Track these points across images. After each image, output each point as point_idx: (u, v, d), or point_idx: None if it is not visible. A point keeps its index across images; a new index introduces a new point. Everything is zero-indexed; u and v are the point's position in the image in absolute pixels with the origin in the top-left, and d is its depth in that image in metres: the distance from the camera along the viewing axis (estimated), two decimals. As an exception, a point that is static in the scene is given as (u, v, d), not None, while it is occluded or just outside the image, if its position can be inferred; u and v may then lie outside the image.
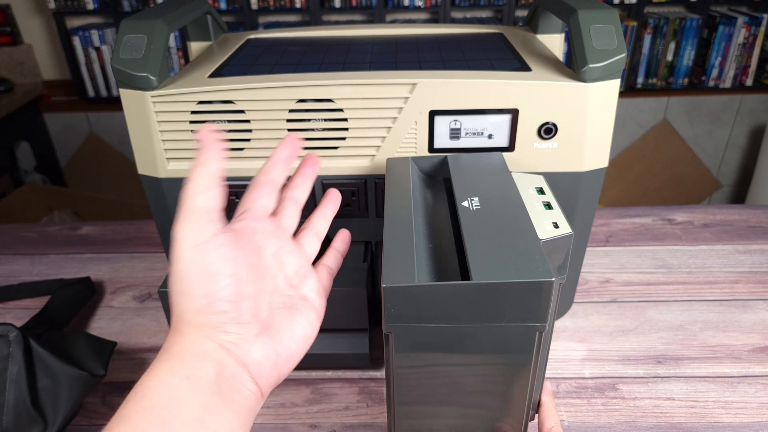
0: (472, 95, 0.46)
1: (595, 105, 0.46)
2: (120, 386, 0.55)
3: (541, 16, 0.61)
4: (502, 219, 0.36)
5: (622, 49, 0.45)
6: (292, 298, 0.34)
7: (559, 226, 0.37)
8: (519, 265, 0.31)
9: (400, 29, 0.65)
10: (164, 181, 0.50)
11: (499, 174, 0.42)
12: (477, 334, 0.32)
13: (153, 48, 0.46)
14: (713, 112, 2.18)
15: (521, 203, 0.37)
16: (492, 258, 0.32)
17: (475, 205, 0.37)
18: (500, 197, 0.38)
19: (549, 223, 0.37)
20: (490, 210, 0.37)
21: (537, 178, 0.43)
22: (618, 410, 0.51)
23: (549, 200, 0.40)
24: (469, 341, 0.33)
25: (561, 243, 0.36)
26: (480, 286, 0.30)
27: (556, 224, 0.37)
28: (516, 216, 0.36)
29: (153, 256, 0.77)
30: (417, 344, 0.33)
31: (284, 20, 2.16)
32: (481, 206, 0.37)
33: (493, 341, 0.33)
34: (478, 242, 0.33)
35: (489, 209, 0.37)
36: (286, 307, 0.34)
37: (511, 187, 0.39)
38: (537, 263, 0.31)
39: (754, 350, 0.57)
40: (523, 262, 0.31)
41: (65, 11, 2.06)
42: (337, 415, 0.51)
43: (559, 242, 0.36)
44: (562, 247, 0.36)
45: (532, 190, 0.41)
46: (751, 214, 0.83)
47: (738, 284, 0.68)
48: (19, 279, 0.72)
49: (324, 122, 0.47)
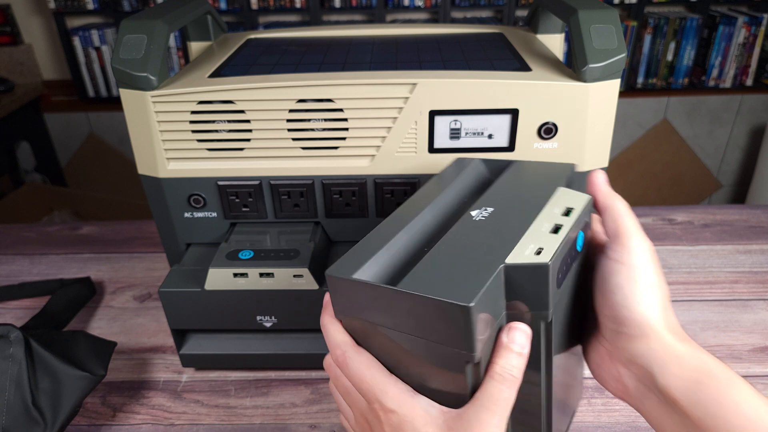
0: (472, 95, 0.46)
1: (595, 105, 0.46)
2: (120, 386, 0.55)
3: (541, 16, 0.61)
4: (491, 235, 0.34)
5: (622, 49, 0.45)
6: None
7: (539, 254, 0.31)
8: (453, 284, 0.29)
9: (400, 29, 0.65)
10: (164, 181, 0.50)
11: (541, 187, 0.38)
12: (413, 346, 0.31)
13: (153, 48, 0.46)
14: (713, 112, 2.18)
15: (528, 222, 0.35)
16: (438, 270, 0.30)
17: (482, 217, 0.36)
18: (515, 212, 0.36)
19: (536, 247, 0.32)
20: (489, 224, 0.35)
21: (583, 198, 0.37)
22: (618, 410, 0.51)
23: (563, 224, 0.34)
24: (408, 350, 0.32)
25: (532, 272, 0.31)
26: (396, 294, 0.29)
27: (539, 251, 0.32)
28: (506, 234, 0.34)
29: (153, 256, 0.77)
30: (363, 339, 0.34)
31: (284, 20, 2.16)
32: (486, 218, 0.36)
33: (428, 357, 0.31)
34: (443, 252, 0.32)
35: (490, 223, 0.35)
36: None
37: (537, 203, 0.36)
38: (470, 286, 0.29)
39: (754, 350, 0.57)
40: (459, 282, 0.29)
41: (65, 11, 2.06)
42: (337, 415, 0.51)
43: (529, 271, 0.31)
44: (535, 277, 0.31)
45: (559, 209, 0.36)
46: (751, 214, 0.83)
47: (738, 284, 0.68)
48: (19, 279, 0.72)
49: (324, 122, 0.47)
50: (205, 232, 0.53)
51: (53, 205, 1.95)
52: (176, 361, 0.58)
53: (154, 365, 0.58)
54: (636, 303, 0.33)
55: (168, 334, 0.62)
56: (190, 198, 0.51)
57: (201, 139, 0.48)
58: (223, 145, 0.49)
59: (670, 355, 0.32)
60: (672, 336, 0.33)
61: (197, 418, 0.52)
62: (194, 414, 0.52)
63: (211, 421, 0.51)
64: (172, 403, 0.53)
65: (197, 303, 0.50)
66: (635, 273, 0.34)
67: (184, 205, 0.51)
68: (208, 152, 0.49)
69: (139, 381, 0.56)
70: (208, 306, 0.51)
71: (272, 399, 0.54)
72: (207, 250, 0.54)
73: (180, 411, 0.52)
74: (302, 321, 0.52)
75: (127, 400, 0.54)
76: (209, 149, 0.49)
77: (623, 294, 0.34)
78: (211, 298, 0.50)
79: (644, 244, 0.35)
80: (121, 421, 0.52)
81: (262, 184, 0.50)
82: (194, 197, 0.51)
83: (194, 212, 0.52)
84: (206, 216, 0.52)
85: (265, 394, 0.54)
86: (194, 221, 0.52)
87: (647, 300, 0.33)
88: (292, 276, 0.49)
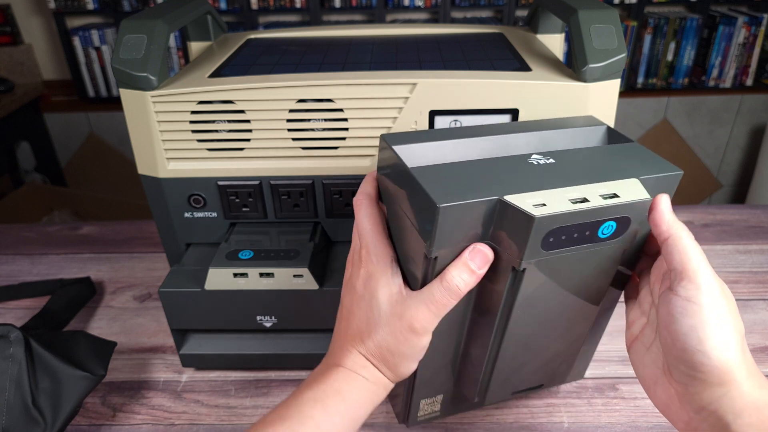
0: (472, 95, 0.46)
1: (595, 105, 0.46)
2: (120, 386, 0.55)
3: (541, 16, 0.61)
4: (522, 176, 0.35)
5: (622, 49, 0.45)
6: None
7: (537, 207, 0.32)
8: (449, 188, 0.32)
9: (400, 29, 0.65)
10: (164, 181, 0.50)
11: (622, 171, 0.36)
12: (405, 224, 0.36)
13: (153, 48, 0.46)
14: (713, 112, 2.18)
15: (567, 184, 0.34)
16: (454, 176, 0.34)
17: (538, 161, 0.37)
18: (571, 172, 0.35)
19: (542, 201, 0.32)
20: (534, 169, 0.36)
21: (639, 196, 0.34)
22: (618, 410, 0.51)
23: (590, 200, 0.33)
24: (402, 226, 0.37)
25: (519, 217, 0.32)
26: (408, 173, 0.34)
27: (542, 205, 0.32)
28: (533, 182, 0.34)
29: (153, 256, 0.77)
30: (385, 198, 0.40)
31: (284, 20, 2.16)
32: (538, 165, 0.36)
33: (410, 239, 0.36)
34: (473, 167, 0.36)
35: (535, 169, 0.36)
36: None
37: (599, 179, 0.35)
38: (457, 196, 0.32)
39: (754, 350, 0.57)
40: (455, 190, 0.32)
41: (65, 11, 2.06)
42: (337, 415, 0.51)
43: (518, 214, 0.32)
44: (519, 223, 0.32)
45: (608, 191, 0.34)
46: (751, 214, 0.83)
47: (738, 284, 0.68)
48: (19, 279, 0.72)
49: (324, 122, 0.47)
50: (205, 232, 0.53)
51: (53, 205, 1.95)
52: (176, 361, 0.58)
53: (154, 365, 0.58)
54: (712, 348, 0.31)
55: (168, 334, 0.62)
56: (190, 198, 0.51)
57: (201, 139, 0.48)
58: (223, 145, 0.49)
59: (748, 404, 0.31)
60: (751, 382, 0.31)
61: (197, 418, 0.52)
62: (194, 414, 0.52)
63: (211, 421, 0.51)
64: (172, 403, 0.53)
65: (197, 303, 0.50)
66: (709, 314, 0.31)
67: (184, 205, 0.51)
68: (208, 152, 0.49)
69: (139, 381, 0.56)
70: (208, 306, 0.51)
71: (272, 399, 0.54)
72: (207, 250, 0.54)
73: (180, 411, 0.52)
74: (302, 321, 0.52)
75: (127, 400, 0.54)
76: (209, 149, 0.49)
77: (698, 338, 0.31)
78: (211, 298, 0.50)
79: (715, 281, 0.33)
80: (121, 421, 0.52)
81: (262, 184, 0.50)
82: (194, 197, 0.51)
83: (194, 212, 0.52)
84: (206, 216, 0.52)
85: (265, 394, 0.54)
86: (194, 221, 0.52)
87: (725, 344, 0.31)
88: (292, 276, 0.49)
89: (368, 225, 0.38)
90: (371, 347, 0.37)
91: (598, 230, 0.34)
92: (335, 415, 0.35)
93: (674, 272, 0.34)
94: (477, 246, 0.34)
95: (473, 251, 0.34)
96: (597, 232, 0.34)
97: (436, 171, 0.34)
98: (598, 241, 0.35)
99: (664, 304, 0.34)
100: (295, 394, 0.37)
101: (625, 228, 0.35)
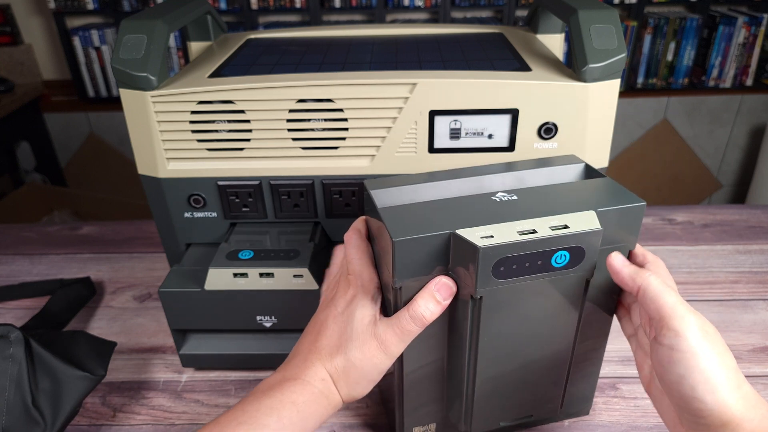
0: (472, 95, 0.46)
1: (595, 105, 0.46)
2: (120, 386, 0.55)
3: (541, 16, 0.61)
4: (480, 212, 0.37)
5: (622, 49, 0.45)
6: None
7: (485, 239, 0.34)
8: (409, 224, 0.36)
9: (400, 29, 0.65)
10: (164, 181, 0.50)
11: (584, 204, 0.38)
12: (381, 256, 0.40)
13: (153, 48, 0.46)
14: (713, 112, 2.18)
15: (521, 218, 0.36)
16: (418, 214, 0.37)
17: (502, 198, 0.39)
18: (529, 208, 0.37)
19: (490, 233, 0.34)
20: (494, 206, 0.38)
21: (590, 225, 0.36)
22: (618, 410, 0.51)
23: (538, 231, 0.35)
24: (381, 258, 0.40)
25: (467, 248, 0.34)
26: (377, 212, 0.38)
27: (489, 237, 0.34)
28: (487, 217, 0.36)
29: (153, 256, 0.77)
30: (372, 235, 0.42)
31: (284, 20, 2.16)
32: (500, 202, 0.39)
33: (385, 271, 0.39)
34: (438, 206, 0.38)
35: (495, 206, 0.38)
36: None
37: (558, 211, 0.37)
38: (413, 231, 0.35)
39: (754, 350, 0.57)
40: (414, 226, 0.35)
41: (65, 11, 2.06)
42: (337, 415, 0.51)
43: (466, 246, 0.34)
44: (468, 254, 0.35)
45: (560, 223, 0.36)
46: (751, 214, 0.83)
47: (738, 284, 0.68)
48: (19, 279, 0.72)
49: (324, 122, 0.47)
50: (205, 232, 0.53)
51: (53, 205, 1.96)
52: (176, 361, 0.58)
53: (154, 365, 0.58)
54: (705, 392, 0.31)
55: (168, 334, 0.62)
56: (190, 198, 0.51)
57: (201, 139, 0.48)
58: (223, 145, 0.49)
59: None
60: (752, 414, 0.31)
61: (197, 418, 0.52)
62: (194, 414, 0.52)
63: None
64: (172, 403, 0.53)
65: (197, 303, 0.50)
66: (695, 359, 0.32)
67: (184, 205, 0.51)
68: (208, 152, 0.49)
69: (139, 381, 0.56)
70: (208, 306, 0.51)
71: (272, 399, 0.54)
72: (207, 250, 0.54)
73: (180, 411, 0.52)
74: (302, 321, 0.52)
75: (127, 400, 0.54)
76: (209, 149, 0.49)
77: (690, 385, 0.32)
78: (211, 298, 0.50)
79: (694, 320, 0.33)
80: (121, 421, 0.52)
81: (262, 184, 0.50)
82: (194, 197, 0.51)
83: (194, 212, 0.52)
84: (206, 216, 0.52)
85: (265, 394, 0.54)
86: (194, 221, 0.52)
87: (716, 386, 0.31)
88: (292, 276, 0.49)
89: (356, 255, 0.41)
90: (338, 362, 0.39)
91: (551, 260, 0.36)
92: (288, 426, 0.37)
93: (654, 321, 0.34)
94: (442, 278, 0.37)
95: (438, 283, 0.37)
96: (550, 261, 0.36)
97: (401, 210, 0.38)
98: (552, 270, 0.36)
99: (654, 354, 0.35)
100: (251, 400, 0.38)
101: (579, 258, 0.36)
